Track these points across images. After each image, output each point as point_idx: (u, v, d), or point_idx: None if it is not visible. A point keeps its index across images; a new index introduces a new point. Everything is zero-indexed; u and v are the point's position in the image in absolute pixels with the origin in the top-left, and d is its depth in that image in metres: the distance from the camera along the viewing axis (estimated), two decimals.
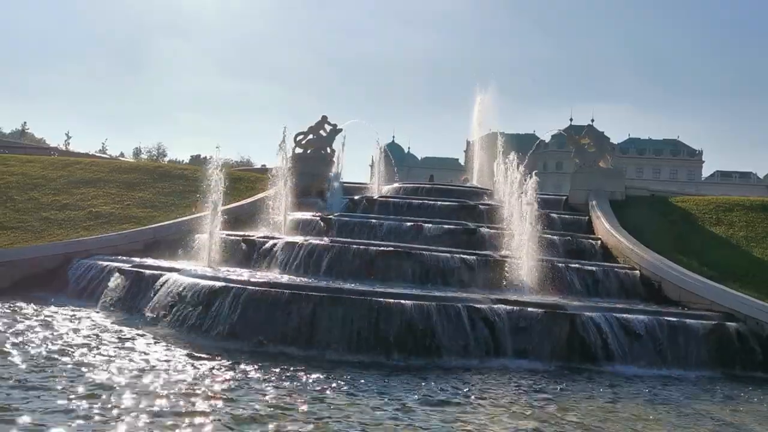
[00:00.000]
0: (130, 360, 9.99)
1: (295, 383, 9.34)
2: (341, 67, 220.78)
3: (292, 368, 10.13)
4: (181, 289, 13.02)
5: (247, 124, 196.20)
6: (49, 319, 12.91)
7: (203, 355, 10.61)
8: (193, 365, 9.98)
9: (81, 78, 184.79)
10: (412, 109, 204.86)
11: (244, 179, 25.32)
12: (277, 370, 10.00)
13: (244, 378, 9.46)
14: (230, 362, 10.27)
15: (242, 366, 10.09)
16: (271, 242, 16.85)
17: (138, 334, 12.00)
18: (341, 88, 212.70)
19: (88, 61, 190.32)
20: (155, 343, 11.40)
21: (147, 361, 10.03)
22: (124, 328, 12.47)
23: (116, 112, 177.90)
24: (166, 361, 10.15)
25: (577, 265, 16.46)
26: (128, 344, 11.14)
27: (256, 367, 10.09)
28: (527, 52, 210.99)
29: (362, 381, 9.75)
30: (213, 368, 9.88)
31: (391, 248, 16.23)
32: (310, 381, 9.51)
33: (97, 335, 11.67)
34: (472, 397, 9.39)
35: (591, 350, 12.41)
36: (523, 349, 12.15)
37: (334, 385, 9.36)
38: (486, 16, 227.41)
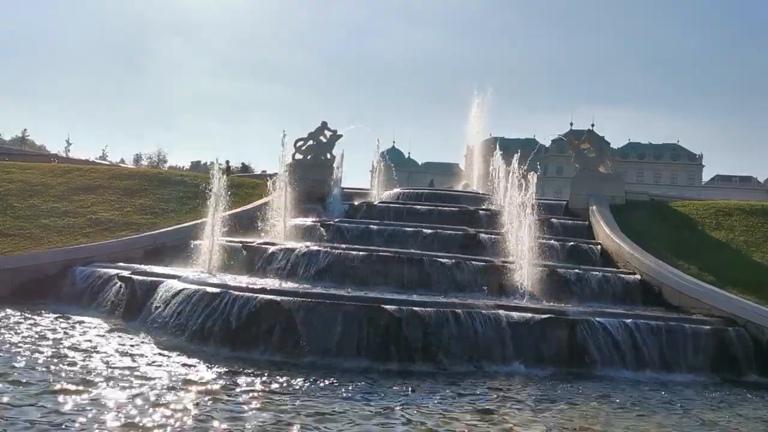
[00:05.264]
0: (129, 366, 9.99)
1: (298, 390, 9.34)
2: (342, 71, 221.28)
3: (294, 377, 10.12)
4: (180, 295, 13.01)
5: (247, 125, 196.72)
6: (49, 325, 12.92)
7: (202, 362, 10.61)
8: (191, 372, 9.99)
9: (82, 82, 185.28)
10: (412, 113, 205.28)
11: (245, 185, 25.35)
12: (282, 378, 10.00)
13: (243, 385, 9.46)
14: (232, 369, 10.27)
15: (239, 372, 10.09)
16: (271, 249, 16.86)
17: (137, 341, 12.01)
18: (342, 91, 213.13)
19: (89, 64, 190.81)
20: (154, 349, 11.40)
21: (146, 367, 10.03)
22: (124, 335, 12.49)
23: (117, 114, 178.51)
24: (164, 367, 10.15)
25: (577, 270, 16.44)
26: (127, 351, 11.14)
27: (256, 373, 10.09)
28: (528, 55, 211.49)
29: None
30: (212, 375, 9.88)
31: (391, 254, 16.23)
32: (317, 387, 9.51)
33: (97, 342, 11.68)
34: (473, 401, 9.39)
35: (591, 355, 12.39)
36: (522, 355, 12.13)
37: (340, 391, 9.36)
38: (486, 18, 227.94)
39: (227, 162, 48.15)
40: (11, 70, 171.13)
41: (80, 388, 8.57)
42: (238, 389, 9.17)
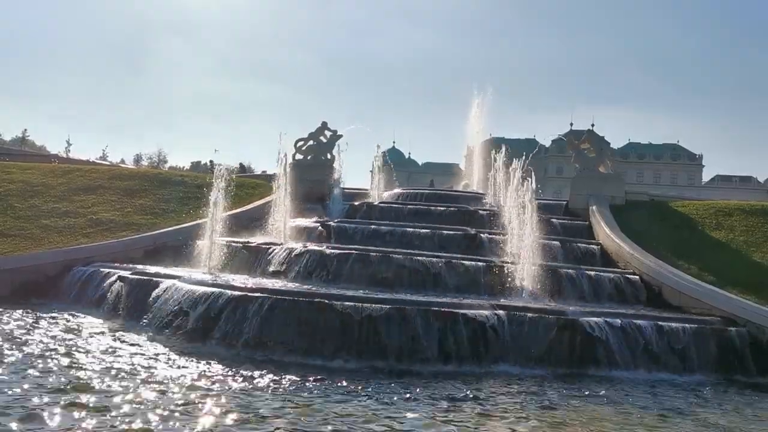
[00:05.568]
0: (130, 367, 10.00)
1: (294, 390, 9.36)
2: (342, 71, 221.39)
3: (300, 377, 10.15)
4: (180, 295, 13.03)
5: (247, 125, 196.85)
6: (49, 326, 12.92)
7: (202, 362, 10.63)
8: (191, 372, 10.00)
9: (82, 82, 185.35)
10: (412, 113, 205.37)
11: (245, 185, 25.35)
12: (286, 380, 10.01)
13: (242, 386, 9.47)
14: (230, 369, 10.29)
15: (243, 374, 10.11)
16: (271, 249, 16.87)
17: (137, 341, 12.02)
18: (342, 91, 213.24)
19: (89, 64, 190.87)
20: (155, 349, 11.41)
21: (147, 367, 10.04)
22: (124, 335, 12.50)
23: (117, 114, 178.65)
24: (165, 368, 10.16)
25: (576, 270, 16.45)
26: (127, 351, 11.15)
27: (255, 374, 10.11)
28: (528, 55, 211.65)
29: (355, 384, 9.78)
30: (211, 375, 9.89)
31: (390, 254, 16.23)
32: (308, 385, 9.54)
33: (97, 342, 11.69)
34: (474, 403, 9.39)
35: (591, 355, 12.40)
36: (523, 356, 12.14)
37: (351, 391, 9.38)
38: (486, 18, 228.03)
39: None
40: (11, 70, 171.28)
41: (80, 389, 8.56)
42: (237, 390, 9.19)
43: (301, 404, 8.59)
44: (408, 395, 9.52)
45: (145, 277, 14.80)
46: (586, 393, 10.55)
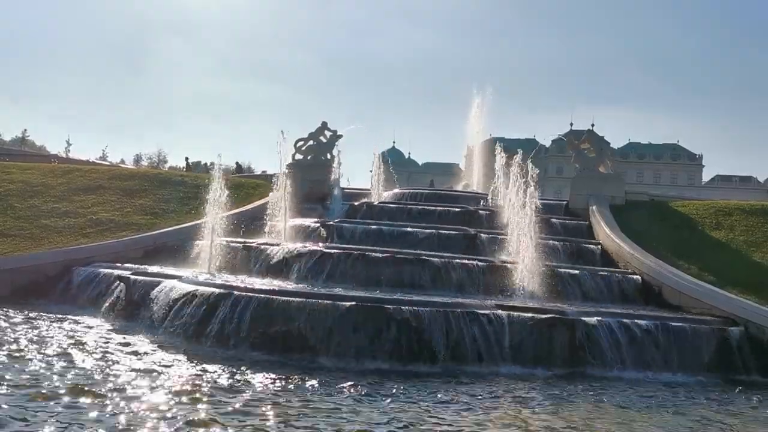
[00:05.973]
0: (129, 367, 9.99)
1: (290, 389, 9.37)
2: (342, 71, 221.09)
3: (293, 376, 10.15)
4: (180, 296, 13.03)
5: (247, 125, 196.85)
6: (49, 326, 12.93)
7: (201, 362, 10.62)
8: (191, 372, 10.00)
9: (82, 82, 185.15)
10: (412, 113, 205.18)
11: (245, 185, 25.36)
12: (281, 378, 10.01)
13: (243, 386, 9.46)
14: (231, 369, 10.28)
15: (242, 373, 10.11)
16: (271, 249, 16.87)
17: (137, 341, 12.02)
18: (342, 91, 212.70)
19: (89, 64, 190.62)
20: (154, 349, 11.42)
21: (146, 368, 10.03)
22: (124, 336, 12.50)
23: (117, 114, 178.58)
24: (165, 367, 10.15)
25: (577, 270, 16.45)
26: (127, 351, 11.15)
27: (254, 374, 10.11)
28: (528, 55, 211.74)
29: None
30: (212, 375, 9.89)
31: (390, 254, 16.23)
32: (310, 387, 9.54)
33: (97, 343, 11.69)
34: (473, 403, 9.39)
35: (591, 355, 12.40)
36: (523, 356, 12.13)
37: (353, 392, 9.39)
38: (486, 18, 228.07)
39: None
40: (11, 70, 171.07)
41: (78, 390, 8.55)
42: (236, 389, 9.18)
43: (297, 402, 8.61)
44: (406, 395, 9.52)
45: (144, 277, 14.80)
46: (586, 393, 10.56)
